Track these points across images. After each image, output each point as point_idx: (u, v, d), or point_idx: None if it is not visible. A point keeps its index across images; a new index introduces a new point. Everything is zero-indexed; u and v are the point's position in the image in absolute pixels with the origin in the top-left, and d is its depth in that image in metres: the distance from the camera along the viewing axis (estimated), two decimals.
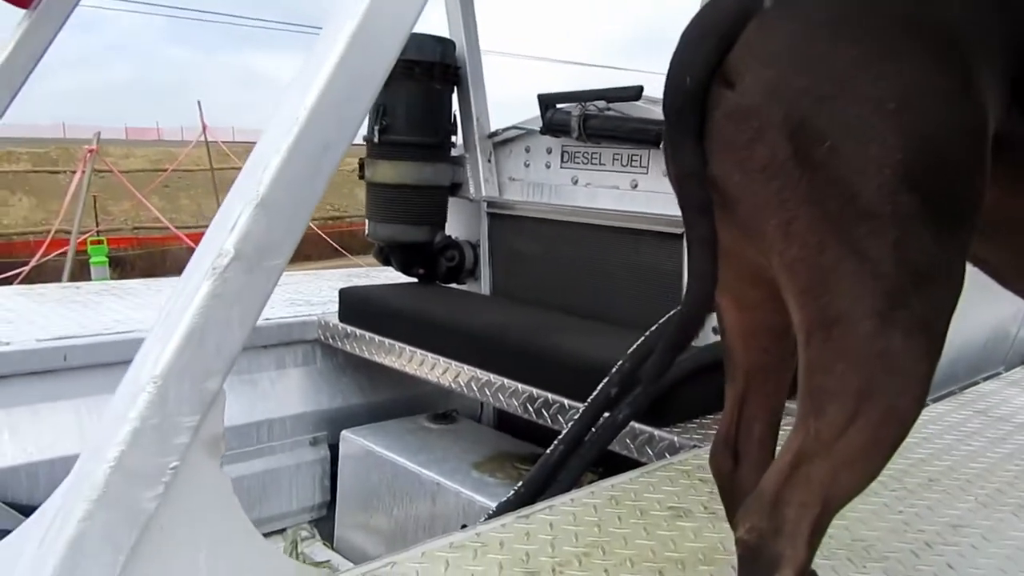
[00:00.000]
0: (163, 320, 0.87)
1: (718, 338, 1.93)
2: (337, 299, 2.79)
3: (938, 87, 0.74)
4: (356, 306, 2.70)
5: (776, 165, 0.76)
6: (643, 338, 1.83)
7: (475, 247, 2.92)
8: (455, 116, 2.87)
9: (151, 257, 12.31)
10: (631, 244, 2.42)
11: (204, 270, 0.87)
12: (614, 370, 1.79)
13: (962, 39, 0.76)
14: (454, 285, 2.96)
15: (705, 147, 0.81)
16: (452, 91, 2.85)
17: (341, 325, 2.68)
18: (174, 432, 0.84)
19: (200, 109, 12.19)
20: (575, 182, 2.63)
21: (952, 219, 0.74)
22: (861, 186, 0.72)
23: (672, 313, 1.89)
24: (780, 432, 0.97)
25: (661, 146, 2.29)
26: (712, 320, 2.01)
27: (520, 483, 1.69)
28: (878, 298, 0.72)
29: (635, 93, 2.36)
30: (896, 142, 0.72)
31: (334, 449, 2.63)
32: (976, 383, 2.34)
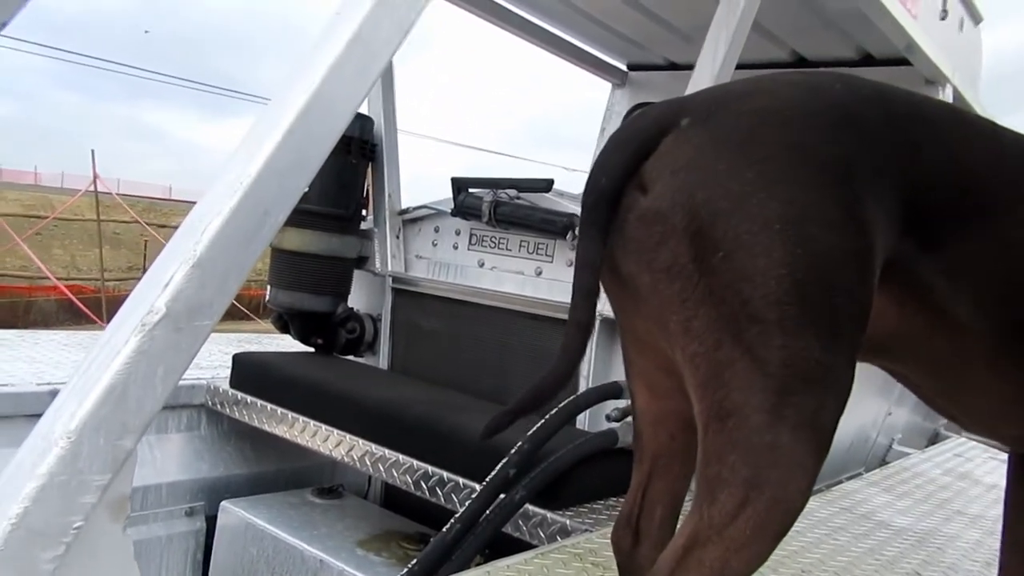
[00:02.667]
0: (82, 373, 0.85)
1: (612, 425, 2.01)
2: (228, 364, 2.70)
3: (823, 212, 0.80)
4: (250, 372, 2.63)
5: (678, 267, 0.82)
6: (543, 420, 1.87)
7: (376, 321, 2.92)
8: (367, 190, 2.90)
9: (13, 308, 11.47)
10: (532, 328, 2.48)
11: (132, 326, 0.85)
12: (513, 451, 1.81)
13: (854, 171, 0.83)
14: (352, 357, 2.93)
15: (619, 246, 0.88)
16: (367, 166, 2.89)
17: (231, 391, 2.60)
18: (82, 490, 0.81)
19: (93, 158, 11.69)
20: (481, 265, 2.69)
21: (835, 329, 0.79)
22: (751, 293, 0.78)
23: (572, 398, 1.94)
24: (680, 515, 1.02)
25: (567, 237, 2.42)
26: (606, 407, 2.10)
27: (414, 561, 1.67)
28: (768, 395, 0.77)
29: (546, 185, 2.47)
30: (781, 257, 0.78)
31: (211, 521, 2.51)
32: (840, 482, 2.49)
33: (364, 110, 2.94)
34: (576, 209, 2.42)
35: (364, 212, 2.91)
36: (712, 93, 0.90)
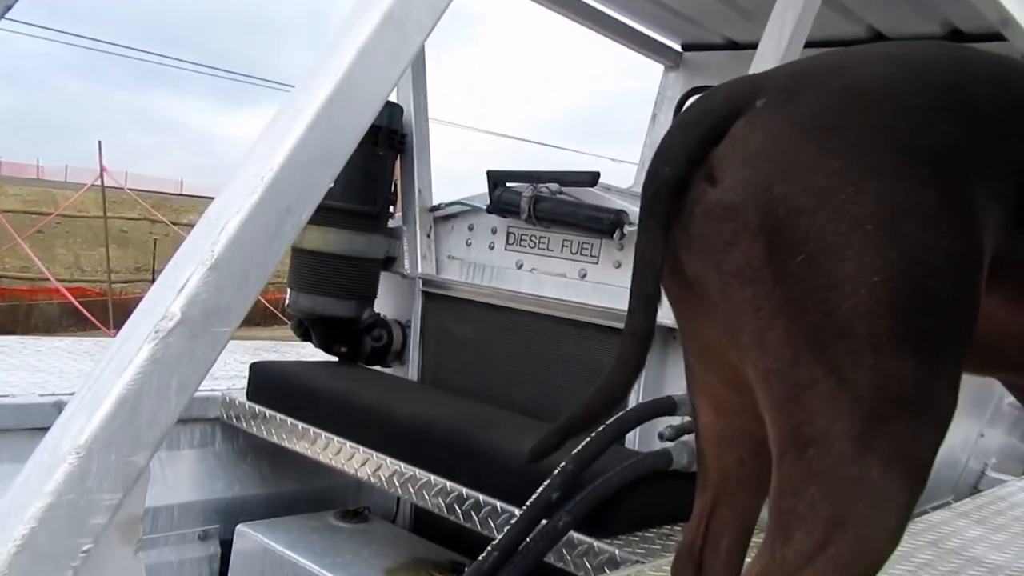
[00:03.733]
0: (91, 384, 0.86)
1: (665, 445, 2.00)
2: (244, 374, 2.73)
3: (923, 209, 0.77)
4: (268, 383, 2.66)
5: (751, 271, 0.80)
6: (588, 439, 1.86)
7: (405, 327, 2.94)
8: (396, 185, 2.92)
9: (14, 312, 11.76)
10: (576, 337, 2.47)
11: (145, 333, 0.86)
12: (555, 472, 1.80)
13: (960, 160, 0.79)
14: (378, 368, 2.95)
15: (684, 244, 0.87)
16: (395, 158, 2.91)
17: (248, 403, 2.63)
18: (91, 510, 0.82)
19: (100, 150, 11.94)
20: (520, 266, 2.69)
21: (936, 345, 0.76)
22: (837, 303, 0.75)
23: (622, 414, 1.93)
24: (750, 547, 1.00)
25: (615, 236, 2.41)
26: (658, 425, 2.08)
27: None
28: (855, 421, 0.74)
29: (591, 179, 2.46)
30: (873, 262, 0.75)
31: (226, 545, 2.54)
32: (926, 512, 2.44)
33: (393, 97, 2.96)
34: (624, 205, 2.40)
35: (392, 209, 2.92)
36: (793, 69, 0.88)
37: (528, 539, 1.73)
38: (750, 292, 0.80)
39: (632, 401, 2.18)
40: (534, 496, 1.78)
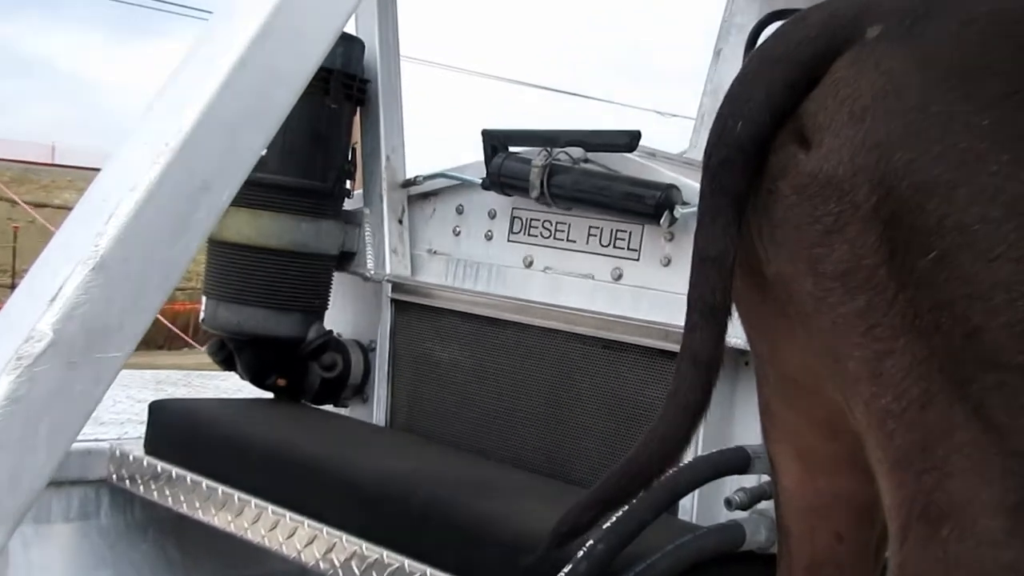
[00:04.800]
0: None
1: (735, 515, 2.00)
2: (142, 417, 2.74)
3: None
4: (174, 430, 2.67)
5: (863, 272, 0.81)
6: (626, 508, 1.86)
7: (367, 351, 2.95)
8: (355, 151, 2.94)
9: None
10: (608, 363, 2.48)
11: (2, 361, 0.86)
12: (580, 554, 1.81)
13: None
14: (331, 408, 2.96)
15: (763, 233, 0.87)
16: (354, 113, 2.93)
17: (147, 459, 2.63)
18: None
19: None
20: (528, 264, 2.70)
21: None
22: (985, 319, 0.74)
23: (674, 472, 1.93)
24: None
25: (662, 221, 2.42)
26: (725, 487, 2.08)
27: None
28: (1010, 487, 0.73)
29: (629, 140, 2.47)
30: None
31: None
32: None
33: (351, 29, 2.97)
34: (676, 177, 2.41)
35: (349, 185, 2.95)
36: None
37: None
38: (860, 302, 0.81)
39: (688, 454, 2.18)
40: None
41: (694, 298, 0.90)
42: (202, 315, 2.89)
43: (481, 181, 2.69)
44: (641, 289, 2.51)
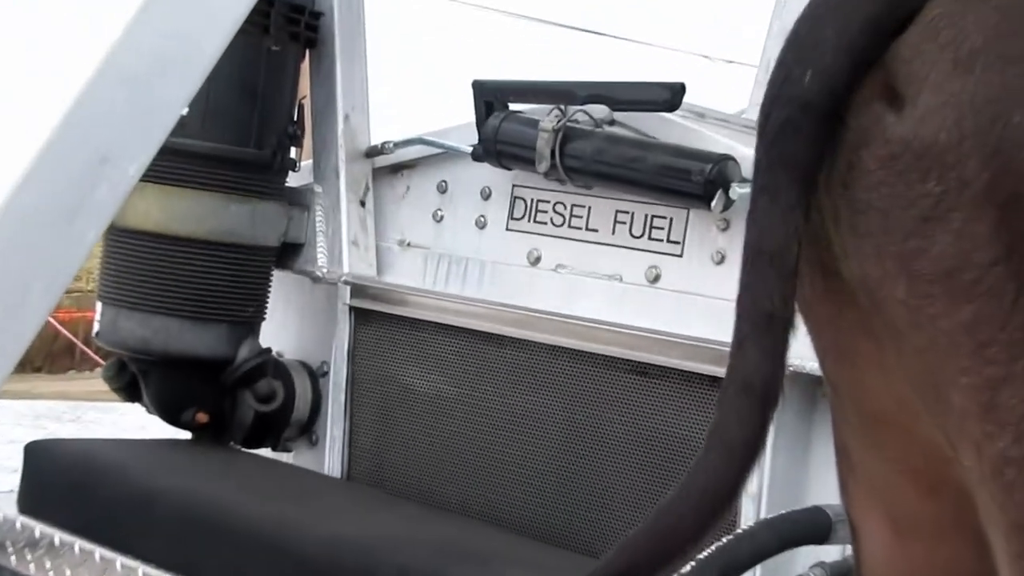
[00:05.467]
0: None
1: None
2: (15, 465, 2.74)
3: None
4: (58, 481, 2.67)
5: (973, 273, 0.82)
6: None
7: (318, 377, 2.97)
8: (303, 109, 2.96)
9: None
10: (641, 395, 2.50)
11: None
12: None
13: None
14: (269, 453, 2.98)
15: (842, 218, 0.90)
16: (302, 58, 2.96)
17: (21, 520, 2.63)
18: None
19: None
20: (535, 261, 2.73)
21: None
22: None
23: (729, 540, 1.94)
24: None
25: (713, 204, 2.42)
26: (798, 560, 2.08)
27: None
28: None
29: (668, 96, 2.48)
30: None
31: None
32: None
33: None
34: (733, 144, 2.44)
35: (295, 154, 2.97)
36: None
37: None
38: (968, 312, 0.82)
39: (747, 514, 2.18)
40: None
41: (746, 304, 0.91)
42: (96, 327, 2.89)
43: (471, 150, 2.71)
44: (685, 295, 2.53)
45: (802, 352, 0.99)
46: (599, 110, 2.57)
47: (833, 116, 0.89)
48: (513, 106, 2.70)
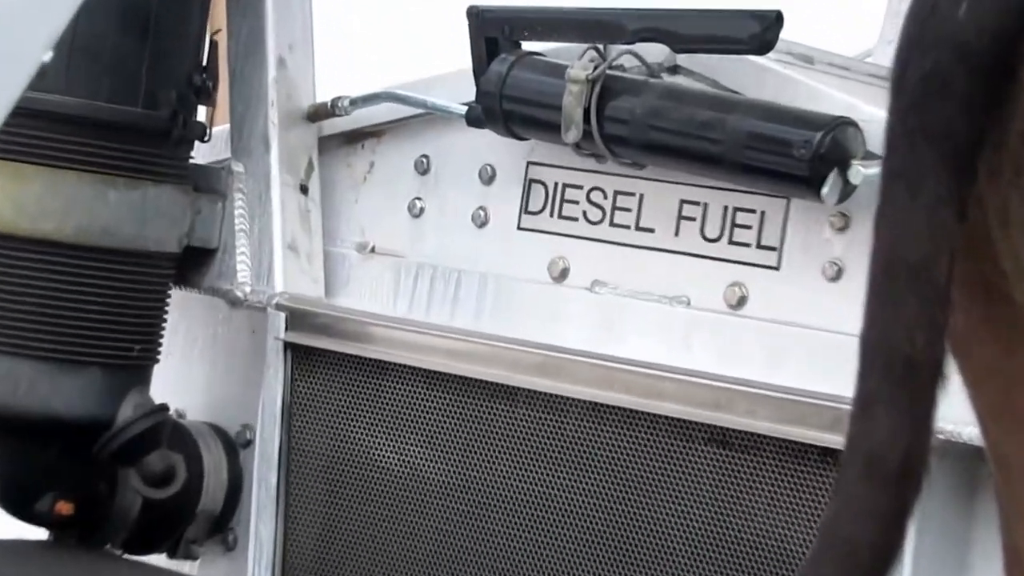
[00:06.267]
0: None
1: None
2: None
3: None
4: None
5: None
6: None
7: (234, 446, 3.00)
8: (214, 48, 2.98)
9: None
10: (721, 473, 2.52)
11: None
12: None
13: None
14: (163, 559, 2.99)
15: (1007, 212, 0.90)
16: None
17: None
18: None
19: None
20: (561, 275, 2.75)
21: None
22: None
23: None
24: None
25: (824, 190, 2.41)
26: None
27: None
28: None
29: (757, 31, 2.48)
30: None
31: None
32: None
33: None
34: (855, 103, 2.46)
35: (205, 115, 3.01)
36: None
37: None
38: None
39: None
40: None
41: (874, 344, 0.92)
42: None
43: (466, 111, 2.74)
44: (784, 328, 2.55)
45: (956, 414, 1.00)
46: (655, 51, 2.59)
47: (1001, 66, 0.90)
48: (528, 45, 2.72)
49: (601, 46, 2.59)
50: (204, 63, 2.97)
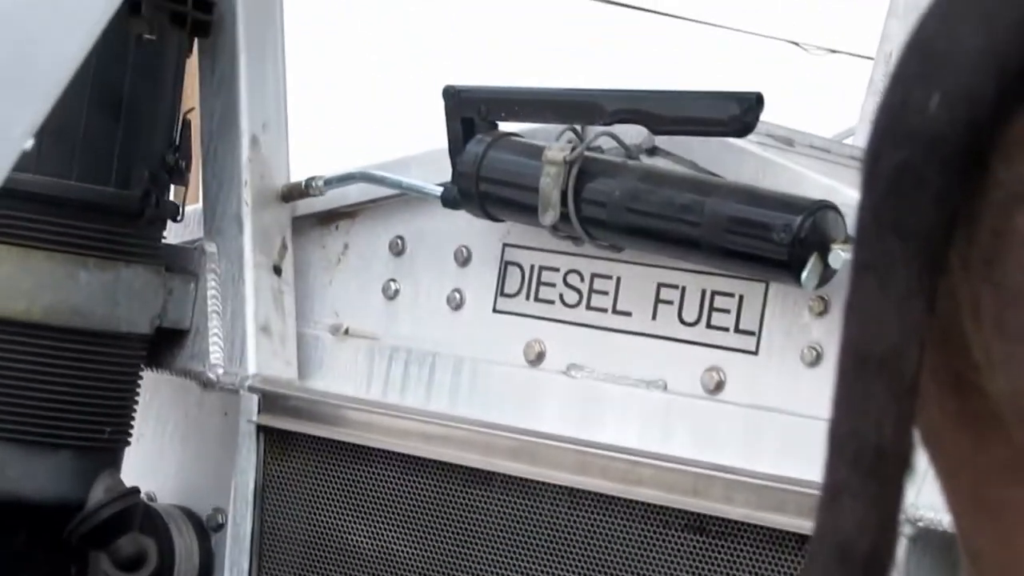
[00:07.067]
0: None
1: None
2: None
3: None
4: None
5: None
6: None
7: (207, 530, 2.97)
8: (187, 127, 2.98)
9: None
10: (691, 557, 2.51)
11: None
12: None
13: None
14: None
15: (978, 303, 0.91)
16: (188, 53, 2.98)
17: None
18: None
19: None
20: (537, 358, 2.74)
21: None
22: None
23: None
24: None
25: (804, 274, 2.41)
26: None
27: None
28: None
29: (736, 113, 2.48)
30: None
31: None
32: None
33: None
34: (835, 185, 2.46)
35: (178, 194, 3.02)
36: None
37: None
38: None
39: None
40: None
41: (843, 434, 0.91)
42: None
43: (441, 191, 2.74)
44: (761, 413, 2.54)
45: (927, 501, 1.00)
46: (633, 132, 2.59)
47: (973, 159, 0.90)
48: (505, 126, 2.72)
49: (579, 127, 2.58)
50: (177, 142, 2.96)
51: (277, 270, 2.96)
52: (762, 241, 2.43)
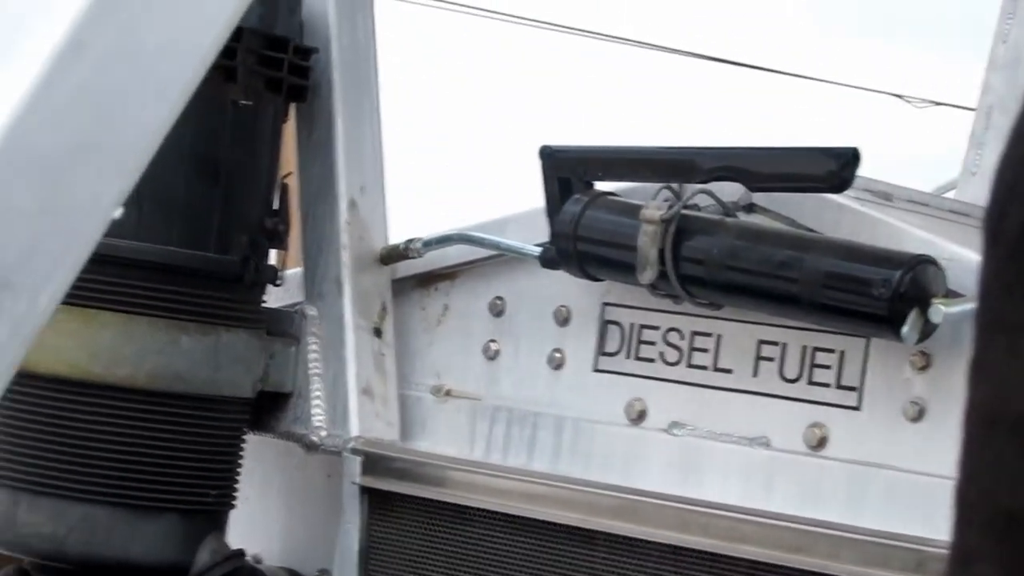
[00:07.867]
0: None
1: None
2: None
3: None
4: None
5: None
6: None
7: None
8: (285, 191, 3.01)
9: None
10: None
11: None
12: None
13: None
14: None
15: None
16: (284, 118, 3.01)
17: None
18: None
19: None
20: (638, 417, 2.74)
21: None
22: None
23: None
24: None
25: (905, 329, 2.40)
26: None
27: None
28: None
29: (834, 169, 2.47)
30: None
31: None
32: None
33: None
34: (935, 240, 2.45)
35: (277, 259, 3.02)
36: None
37: None
38: None
39: None
40: None
41: (971, 498, 0.91)
42: None
43: (540, 252, 2.74)
44: (867, 468, 2.53)
45: None
46: (730, 189, 2.59)
47: None
48: (602, 185, 2.73)
49: (675, 185, 2.58)
50: (275, 207, 2.98)
51: (378, 332, 2.96)
52: (862, 296, 2.42)
